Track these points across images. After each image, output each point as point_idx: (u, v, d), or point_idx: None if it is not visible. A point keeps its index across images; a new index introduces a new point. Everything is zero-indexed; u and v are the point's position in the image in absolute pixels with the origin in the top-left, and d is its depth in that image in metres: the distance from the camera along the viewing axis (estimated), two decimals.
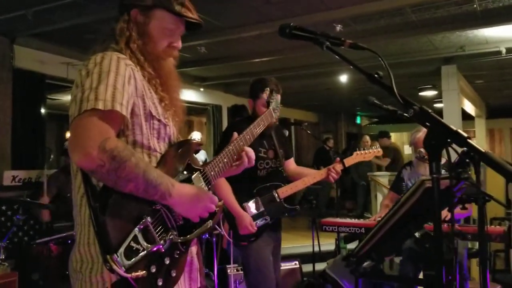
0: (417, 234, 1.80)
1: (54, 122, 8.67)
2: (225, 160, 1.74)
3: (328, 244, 5.68)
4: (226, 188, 2.90)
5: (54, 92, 7.38)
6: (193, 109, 9.58)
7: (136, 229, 1.39)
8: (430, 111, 1.08)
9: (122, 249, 1.35)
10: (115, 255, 1.33)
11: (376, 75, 1.21)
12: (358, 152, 3.26)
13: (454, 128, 1.04)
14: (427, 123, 1.07)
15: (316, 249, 4.95)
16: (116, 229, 1.35)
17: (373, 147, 3.31)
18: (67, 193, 4.10)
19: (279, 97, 3.08)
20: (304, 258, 4.98)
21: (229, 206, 2.91)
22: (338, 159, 3.15)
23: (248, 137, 1.89)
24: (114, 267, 1.32)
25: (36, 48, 5.69)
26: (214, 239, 4.31)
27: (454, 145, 1.22)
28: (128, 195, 1.38)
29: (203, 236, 4.34)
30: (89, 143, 1.32)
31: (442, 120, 1.07)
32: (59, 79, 5.92)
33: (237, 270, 4.12)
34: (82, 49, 1.49)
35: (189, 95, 8.44)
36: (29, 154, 5.56)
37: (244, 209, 2.95)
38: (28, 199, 4.24)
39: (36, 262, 3.72)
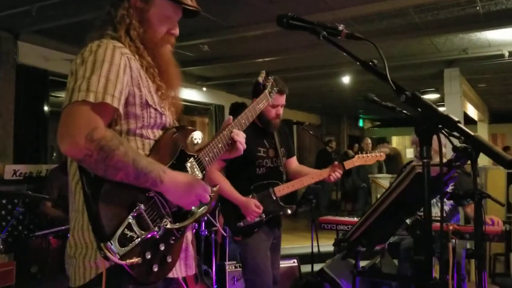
0: (408, 221, 1.80)
1: (57, 120, 8.68)
2: (220, 145, 1.74)
3: (327, 245, 5.68)
4: (223, 181, 2.91)
5: (57, 89, 7.41)
6: (196, 109, 9.59)
7: (130, 216, 1.40)
8: (421, 96, 1.09)
9: (116, 237, 1.35)
10: (109, 242, 1.33)
11: (370, 63, 1.22)
12: (359, 155, 3.25)
13: (445, 113, 1.05)
14: (419, 109, 1.08)
15: (315, 249, 4.95)
16: (110, 216, 1.36)
17: (376, 151, 3.31)
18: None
19: (283, 97, 3.08)
20: (303, 258, 4.98)
21: (230, 197, 2.91)
22: (336, 163, 3.15)
23: (243, 121, 1.87)
24: (108, 254, 1.33)
25: (40, 44, 5.72)
26: (213, 235, 4.33)
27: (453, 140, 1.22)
28: (121, 182, 1.39)
29: (202, 233, 4.35)
30: (76, 132, 1.33)
31: (434, 105, 1.08)
32: (62, 75, 5.94)
33: (235, 267, 4.13)
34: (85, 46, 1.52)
35: (192, 94, 8.45)
36: (31, 149, 5.59)
37: None
38: (30, 193, 4.23)
39: (35, 255, 3.74)
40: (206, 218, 4.10)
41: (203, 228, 4.34)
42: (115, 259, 1.33)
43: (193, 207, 1.56)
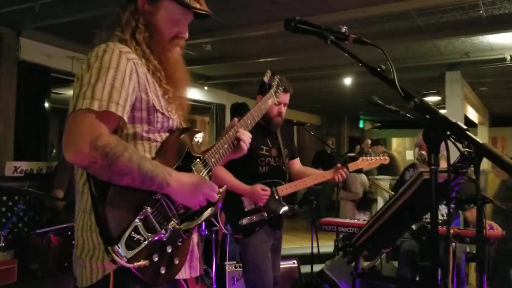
0: (414, 227, 1.80)
1: (57, 117, 8.66)
2: (226, 146, 1.74)
3: (327, 246, 5.68)
4: (226, 174, 2.90)
5: (58, 86, 7.41)
6: (197, 108, 9.56)
7: (137, 219, 1.40)
8: (430, 103, 1.09)
9: (123, 240, 1.36)
10: (117, 246, 1.34)
11: (378, 69, 1.22)
12: (363, 158, 3.26)
13: (453, 120, 1.05)
14: (427, 116, 1.08)
15: (315, 250, 4.95)
16: (117, 220, 1.37)
17: (380, 155, 3.32)
18: None
19: (287, 95, 3.08)
20: (303, 259, 4.98)
21: (234, 188, 2.90)
22: (339, 165, 3.15)
23: (249, 121, 1.87)
24: (116, 258, 1.33)
25: (42, 41, 5.71)
26: (213, 235, 4.33)
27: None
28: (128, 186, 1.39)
29: (202, 233, 4.35)
30: (80, 140, 1.33)
31: (442, 113, 1.08)
32: (64, 73, 5.94)
33: (235, 267, 4.13)
34: (87, 43, 1.50)
35: (193, 93, 8.44)
36: (32, 146, 5.58)
37: (242, 201, 2.96)
38: (31, 190, 4.21)
39: (35, 253, 3.73)
40: None
41: (203, 227, 4.34)
42: (123, 262, 1.34)
43: (199, 208, 1.57)
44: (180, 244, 1.54)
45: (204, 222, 4.21)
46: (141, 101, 1.50)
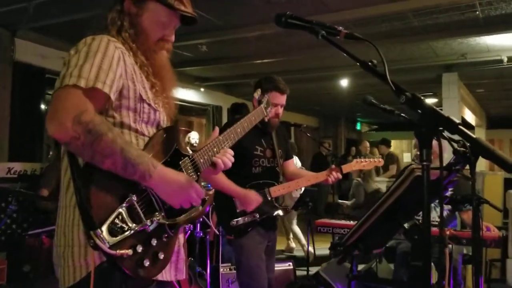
0: (406, 225, 1.77)
1: None
2: (215, 149, 1.70)
3: (323, 248, 5.66)
4: (220, 176, 2.86)
5: (53, 87, 7.39)
6: (193, 110, 9.54)
7: (122, 206, 1.37)
8: (422, 98, 1.07)
9: (106, 225, 1.32)
10: (99, 230, 1.30)
11: (370, 63, 1.20)
12: (358, 160, 3.24)
13: (446, 115, 1.02)
14: (419, 110, 1.05)
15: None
16: (100, 205, 1.33)
17: (375, 157, 3.28)
18: None
19: (283, 97, 3.05)
20: (298, 261, 4.95)
21: (229, 191, 2.85)
22: (333, 166, 3.12)
23: (239, 130, 1.86)
24: (98, 242, 1.29)
25: (37, 42, 5.69)
26: (207, 237, 4.29)
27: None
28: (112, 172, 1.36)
29: (197, 235, 4.31)
30: (64, 114, 1.31)
31: (434, 107, 1.05)
32: (59, 74, 5.90)
33: (230, 269, 4.10)
34: None
35: (190, 95, 8.42)
36: (27, 148, 5.55)
37: (233, 202, 2.92)
38: (23, 190, 4.18)
39: (27, 254, 3.69)
40: (201, 219, 4.08)
41: (198, 229, 4.31)
42: (105, 247, 1.30)
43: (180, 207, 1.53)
44: (165, 240, 1.50)
45: (198, 224, 4.20)
46: (128, 90, 1.49)
